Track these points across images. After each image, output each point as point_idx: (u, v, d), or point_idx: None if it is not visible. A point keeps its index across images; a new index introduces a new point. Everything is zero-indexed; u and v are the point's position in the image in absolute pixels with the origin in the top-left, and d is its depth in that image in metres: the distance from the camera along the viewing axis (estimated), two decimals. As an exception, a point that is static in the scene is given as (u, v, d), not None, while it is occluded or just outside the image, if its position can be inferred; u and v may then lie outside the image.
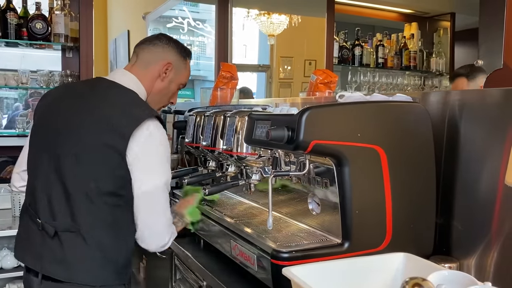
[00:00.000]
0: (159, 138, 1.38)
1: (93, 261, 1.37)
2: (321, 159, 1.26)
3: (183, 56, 1.61)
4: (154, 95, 1.57)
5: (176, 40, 1.64)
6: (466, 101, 1.29)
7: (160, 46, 1.57)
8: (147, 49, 1.57)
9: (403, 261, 0.99)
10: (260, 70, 5.32)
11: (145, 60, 1.56)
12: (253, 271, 1.29)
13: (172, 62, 1.57)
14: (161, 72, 1.55)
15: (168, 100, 1.65)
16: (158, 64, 1.55)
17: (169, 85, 1.59)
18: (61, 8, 2.89)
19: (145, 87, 1.54)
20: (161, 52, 1.57)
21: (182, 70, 1.62)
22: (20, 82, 2.90)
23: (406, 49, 4.34)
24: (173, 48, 1.59)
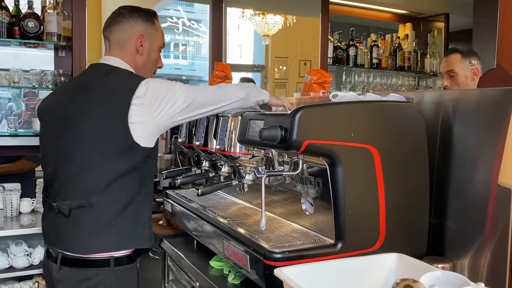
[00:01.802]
0: (157, 80, 1.45)
1: (106, 230, 1.43)
2: (315, 159, 1.25)
3: (149, 21, 1.61)
4: (141, 69, 1.60)
5: (137, 8, 1.63)
6: (459, 101, 1.29)
7: (125, 21, 1.58)
8: (114, 30, 1.58)
9: (396, 262, 0.99)
10: (255, 70, 5.31)
11: (118, 41, 1.57)
12: (246, 271, 1.28)
13: (143, 33, 1.58)
14: (138, 46, 1.57)
15: (155, 67, 1.67)
16: (131, 40, 1.57)
17: (150, 55, 1.62)
18: (54, 6, 2.85)
19: (130, 64, 1.57)
20: (129, 27, 1.57)
21: (154, 34, 1.62)
22: (12, 82, 2.87)
23: (400, 49, 4.34)
24: (137, 18, 1.59)
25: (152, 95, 1.40)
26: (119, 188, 1.43)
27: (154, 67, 1.66)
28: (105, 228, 1.43)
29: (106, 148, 1.42)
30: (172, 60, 7.75)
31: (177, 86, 1.45)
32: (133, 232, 1.47)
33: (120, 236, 1.45)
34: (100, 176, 1.42)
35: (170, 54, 7.83)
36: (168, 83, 1.46)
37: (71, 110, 1.49)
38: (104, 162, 1.42)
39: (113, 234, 1.44)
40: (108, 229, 1.43)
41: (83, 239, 1.43)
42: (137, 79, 1.45)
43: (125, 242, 1.46)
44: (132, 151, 1.42)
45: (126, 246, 1.46)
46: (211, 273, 1.50)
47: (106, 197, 1.42)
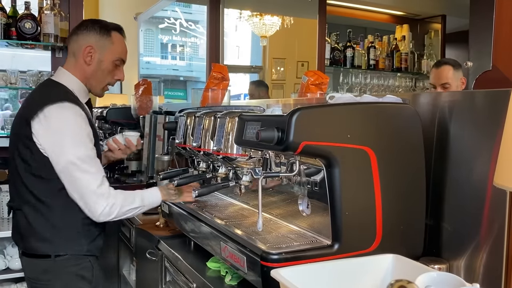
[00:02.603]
0: (60, 118, 1.53)
1: (35, 235, 1.60)
2: (312, 160, 1.25)
3: (104, 34, 1.66)
4: (90, 79, 1.68)
5: (98, 20, 1.71)
6: (455, 102, 1.29)
7: (81, 33, 1.66)
8: (71, 41, 1.69)
9: (392, 263, 0.99)
10: (253, 71, 5.32)
11: (72, 51, 1.68)
12: (243, 273, 1.28)
13: (92, 44, 1.64)
14: (85, 57, 1.64)
15: (110, 78, 1.72)
16: (80, 51, 1.65)
17: (100, 65, 1.67)
18: (51, 7, 2.86)
19: (77, 76, 1.66)
20: (81, 39, 1.65)
21: (107, 46, 1.67)
22: (9, 82, 2.87)
23: (397, 51, 4.36)
24: (91, 30, 1.65)
25: (46, 136, 1.54)
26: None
27: (109, 78, 1.71)
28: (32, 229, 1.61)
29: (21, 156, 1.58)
30: (170, 61, 7.74)
31: None
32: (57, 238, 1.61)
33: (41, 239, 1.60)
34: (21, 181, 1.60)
35: (167, 55, 7.83)
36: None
37: (17, 119, 1.68)
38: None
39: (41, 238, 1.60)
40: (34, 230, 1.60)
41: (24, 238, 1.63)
42: (38, 104, 1.55)
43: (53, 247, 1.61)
44: (41, 163, 1.55)
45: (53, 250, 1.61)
46: (208, 274, 1.50)
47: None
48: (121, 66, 1.72)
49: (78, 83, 1.67)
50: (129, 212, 1.60)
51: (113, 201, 1.54)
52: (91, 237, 1.67)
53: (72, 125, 1.54)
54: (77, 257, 1.64)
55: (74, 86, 1.65)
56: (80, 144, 1.53)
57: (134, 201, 1.60)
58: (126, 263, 2.54)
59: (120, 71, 1.72)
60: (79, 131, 1.54)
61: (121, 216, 1.59)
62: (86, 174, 1.53)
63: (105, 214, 1.54)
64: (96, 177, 1.54)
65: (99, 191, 1.53)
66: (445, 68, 2.62)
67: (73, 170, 1.52)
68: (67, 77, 1.66)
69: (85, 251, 1.65)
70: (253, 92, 4.10)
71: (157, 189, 1.68)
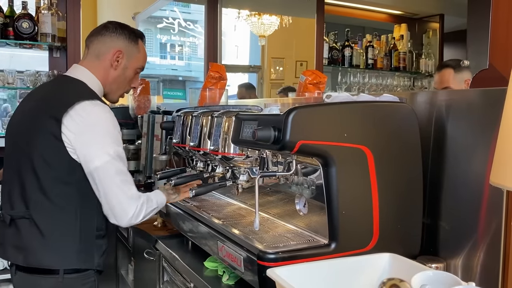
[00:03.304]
0: (94, 115, 1.44)
1: (46, 245, 1.45)
2: (309, 159, 1.25)
3: (133, 40, 1.62)
4: (111, 84, 1.62)
5: (124, 25, 1.65)
6: (452, 101, 1.29)
7: (108, 35, 1.59)
8: (96, 41, 1.61)
9: (389, 262, 0.99)
10: (251, 71, 5.32)
11: (96, 52, 1.59)
12: (240, 272, 1.28)
13: (122, 49, 1.59)
14: (112, 61, 1.58)
15: (128, 86, 1.68)
16: (108, 54, 1.58)
17: (124, 72, 1.62)
18: (48, 7, 2.85)
19: (98, 78, 1.59)
20: (109, 41, 1.59)
21: (134, 54, 1.63)
22: (6, 82, 2.86)
23: (395, 50, 4.36)
24: (121, 35, 1.60)
25: (79, 134, 1.43)
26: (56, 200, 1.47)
27: (127, 85, 1.67)
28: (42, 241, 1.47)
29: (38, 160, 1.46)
30: (169, 61, 7.74)
31: None
32: (70, 249, 1.48)
33: (55, 251, 1.47)
34: (38, 189, 1.46)
35: (166, 55, 7.82)
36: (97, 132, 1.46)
37: (22, 125, 1.55)
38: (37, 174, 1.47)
39: (52, 248, 1.47)
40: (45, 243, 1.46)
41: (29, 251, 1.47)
42: (71, 100, 1.45)
43: (64, 259, 1.47)
44: (64, 165, 1.45)
45: (65, 263, 1.47)
46: (205, 274, 1.50)
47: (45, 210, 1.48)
48: (139, 74, 1.69)
49: (98, 84, 1.59)
50: (151, 212, 1.52)
51: (141, 202, 1.47)
52: (101, 251, 1.56)
53: (108, 122, 1.46)
54: (84, 276, 1.51)
55: (94, 85, 1.57)
56: (117, 142, 1.46)
57: (152, 200, 1.53)
58: (124, 263, 2.53)
59: (136, 79, 1.69)
60: (114, 129, 1.47)
61: (145, 218, 1.50)
62: (121, 174, 1.44)
63: (135, 216, 1.45)
64: (127, 178, 1.47)
65: (131, 192, 1.45)
66: (445, 71, 2.55)
67: (111, 169, 1.42)
68: (87, 75, 1.57)
69: (96, 266, 1.54)
70: (243, 95, 4.10)
71: (160, 191, 1.61)
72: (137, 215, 1.46)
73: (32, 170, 1.45)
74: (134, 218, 1.45)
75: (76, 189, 1.47)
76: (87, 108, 1.44)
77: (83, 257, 1.50)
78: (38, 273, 1.46)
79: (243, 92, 4.19)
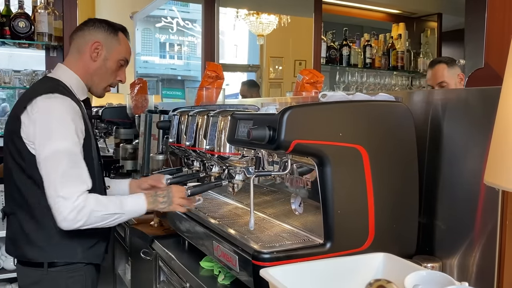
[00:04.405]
0: (45, 107, 1.44)
1: (27, 239, 1.51)
2: (305, 159, 1.25)
3: (112, 32, 1.64)
4: (92, 76, 1.64)
5: (105, 20, 1.68)
6: (448, 100, 1.29)
7: (87, 29, 1.63)
8: (75, 36, 1.65)
9: (383, 261, 0.99)
10: (250, 70, 5.31)
11: (76, 47, 1.63)
12: (235, 272, 1.27)
13: (100, 41, 1.61)
14: (91, 52, 1.61)
15: (113, 78, 1.68)
16: (87, 46, 1.61)
17: (105, 63, 1.63)
18: (45, 6, 2.84)
19: (78, 73, 1.61)
20: (88, 35, 1.62)
21: (115, 46, 1.64)
22: (3, 82, 2.86)
23: (393, 49, 4.36)
24: (98, 28, 1.63)
25: (32, 127, 1.44)
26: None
27: (111, 78, 1.67)
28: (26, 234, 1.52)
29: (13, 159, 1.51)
30: (168, 60, 7.72)
31: None
32: (49, 244, 1.51)
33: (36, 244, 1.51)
34: (14, 185, 1.52)
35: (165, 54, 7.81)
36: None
37: (9, 116, 1.62)
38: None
39: (32, 242, 1.51)
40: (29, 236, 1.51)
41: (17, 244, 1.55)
42: (30, 97, 1.47)
43: (45, 253, 1.51)
44: (28, 162, 1.46)
45: (45, 257, 1.51)
46: (201, 274, 1.50)
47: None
48: (124, 66, 1.69)
49: (76, 79, 1.61)
50: (103, 219, 1.41)
51: (82, 206, 1.36)
52: (88, 244, 1.55)
53: (59, 115, 1.43)
54: (70, 270, 1.53)
55: (71, 81, 1.59)
56: (66, 136, 1.41)
57: (109, 207, 1.42)
58: (122, 263, 2.53)
59: (122, 72, 1.69)
60: (67, 123, 1.43)
61: (93, 224, 1.40)
62: (59, 171, 1.37)
63: (69, 220, 1.36)
64: (69, 176, 1.38)
65: (67, 192, 1.36)
66: (439, 67, 2.61)
67: (48, 165, 1.39)
68: (64, 72, 1.61)
69: (80, 259, 1.54)
70: (245, 93, 4.10)
71: (143, 195, 1.49)
72: (74, 219, 1.36)
73: (9, 169, 1.53)
74: (67, 222, 1.36)
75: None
76: (40, 102, 1.45)
77: (62, 251, 1.52)
78: (26, 265, 1.54)
79: (245, 89, 4.18)
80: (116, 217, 1.44)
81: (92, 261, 1.58)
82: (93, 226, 1.41)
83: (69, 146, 1.41)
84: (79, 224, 1.37)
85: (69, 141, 1.42)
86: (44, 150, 1.41)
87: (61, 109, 1.45)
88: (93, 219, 1.39)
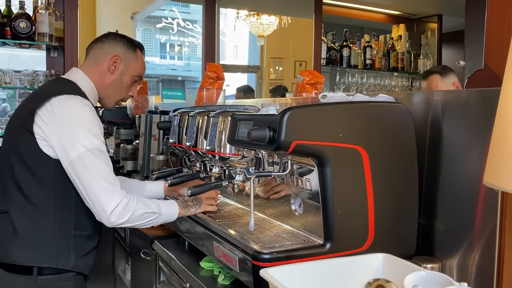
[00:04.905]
0: (69, 107, 1.44)
1: (19, 241, 1.45)
2: (305, 159, 1.25)
3: (131, 48, 1.66)
4: (107, 88, 1.64)
5: (124, 35, 1.70)
6: (448, 101, 1.29)
7: (107, 42, 1.65)
8: (95, 47, 1.65)
9: (383, 262, 0.99)
10: (250, 71, 5.32)
11: (94, 57, 1.64)
12: (235, 273, 1.27)
13: (119, 55, 1.63)
14: (110, 65, 1.62)
15: (126, 93, 1.70)
16: (106, 58, 1.62)
17: (121, 77, 1.64)
18: (46, 7, 2.85)
19: (93, 81, 1.62)
20: (108, 47, 1.64)
21: (132, 61, 1.66)
22: (3, 82, 2.86)
23: (393, 50, 4.36)
24: (119, 42, 1.65)
25: (53, 127, 1.42)
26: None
27: (124, 92, 1.68)
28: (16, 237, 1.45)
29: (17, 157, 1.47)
30: (168, 60, 7.74)
31: None
32: (43, 247, 1.46)
33: (30, 248, 1.45)
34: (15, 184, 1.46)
35: (165, 54, 7.82)
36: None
37: (18, 112, 1.61)
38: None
39: (24, 244, 1.45)
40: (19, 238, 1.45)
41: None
42: (47, 95, 1.46)
43: (36, 256, 1.45)
44: (36, 159, 1.44)
45: (36, 260, 1.45)
46: (201, 274, 1.50)
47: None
48: (137, 82, 1.71)
49: (91, 86, 1.60)
50: (144, 218, 1.43)
51: (127, 201, 1.38)
52: (81, 252, 1.52)
53: (85, 115, 1.44)
54: (61, 279, 1.48)
55: (86, 87, 1.58)
56: (94, 134, 1.41)
57: (150, 205, 1.44)
58: (122, 263, 2.53)
59: (135, 88, 1.71)
60: (90, 121, 1.43)
61: (135, 222, 1.42)
62: (99, 167, 1.38)
63: (116, 214, 1.36)
64: (109, 172, 1.40)
65: (112, 187, 1.38)
66: (433, 78, 2.56)
67: (88, 161, 1.37)
68: (80, 77, 1.60)
69: (71, 267, 1.49)
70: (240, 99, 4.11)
71: (174, 201, 1.54)
72: (120, 214, 1.37)
73: (10, 166, 1.47)
74: (116, 216, 1.37)
75: (51, 187, 1.45)
76: (63, 101, 1.44)
77: (55, 256, 1.46)
78: (13, 272, 1.46)
79: (240, 96, 4.21)
80: (155, 217, 1.46)
81: (82, 271, 1.55)
82: (134, 224, 1.43)
83: (101, 145, 1.43)
84: (125, 218, 1.38)
85: (100, 140, 1.44)
86: (74, 150, 1.38)
87: (87, 110, 1.46)
88: (136, 216, 1.41)
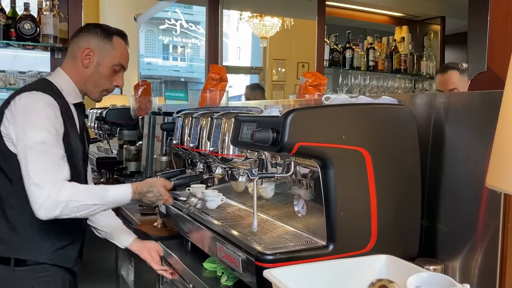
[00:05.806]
0: (25, 102, 1.46)
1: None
2: (307, 161, 1.26)
3: (105, 37, 1.63)
4: (85, 82, 1.64)
5: (100, 24, 1.69)
6: (451, 103, 1.29)
7: (81, 35, 1.64)
8: (71, 43, 1.66)
9: (385, 263, 0.99)
10: (253, 72, 5.33)
11: (71, 54, 1.64)
12: (238, 273, 1.28)
13: (91, 47, 1.61)
14: (82, 59, 1.61)
15: (108, 84, 1.67)
16: (79, 52, 1.61)
17: (97, 69, 1.63)
18: (50, 8, 2.87)
19: (72, 78, 1.62)
20: (82, 41, 1.63)
21: (108, 51, 1.63)
22: (8, 83, 2.88)
23: (396, 52, 4.36)
24: (92, 33, 1.63)
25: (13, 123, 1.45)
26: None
27: (107, 83, 1.66)
28: None
29: None
30: (171, 62, 7.75)
31: None
32: (10, 237, 1.49)
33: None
34: None
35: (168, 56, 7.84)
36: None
37: None
38: None
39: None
40: None
41: None
42: (12, 96, 1.50)
43: (10, 249, 1.49)
44: (3, 156, 1.47)
45: (10, 252, 1.48)
46: (204, 275, 1.50)
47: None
48: (120, 72, 1.68)
49: (70, 84, 1.62)
50: (82, 209, 1.37)
51: (56, 194, 1.34)
52: (57, 245, 1.53)
53: (36, 108, 1.45)
54: (37, 270, 1.50)
55: (64, 85, 1.60)
56: (42, 128, 1.41)
57: (92, 195, 1.40)
58: (125, 264, 2.54)
59: (119, 77, 1.68)
60: (43, 115, 1.44)
61: (71, 215, 1.37)
62: (34, 160, 1.38)
63: (44, 208, 1.33)
64: (44, 165, 1.37)
65: (41, 179, 1.35)
66: (452, 73, 2.60)
67: (28, 155, 1.38)
68: (59, 76, 1.63)
69: (47, 259, 1.51)
70: (248, 96, 4.14)
71: (129, 185, 1.46)
72: (48, 208, 1.33)
73: None
74: (44, 210, 1.33)
75: (19, 183, 1.43)
76: (23, 97, 1.47)
77: (29, 248, 1.49)
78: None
79: (248, 93, 4.23)
80: (97, 208, 1.41)
81: (60, 263, 1.55)
82: (73, 216, 1.38)
83: (45, 136, 1.41)
84: (56, 212, 1.34)
85: (44, 132, 1.42)
86: (20, 141, 1.42)
87: (39, 103, 1.46)
88: (71, 209, 1.36)
